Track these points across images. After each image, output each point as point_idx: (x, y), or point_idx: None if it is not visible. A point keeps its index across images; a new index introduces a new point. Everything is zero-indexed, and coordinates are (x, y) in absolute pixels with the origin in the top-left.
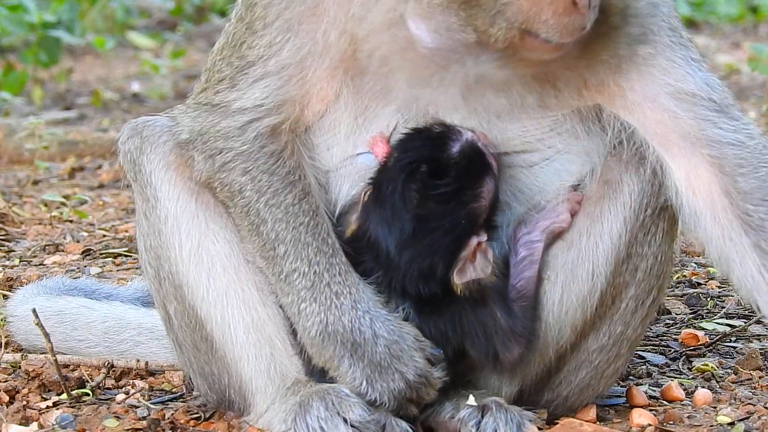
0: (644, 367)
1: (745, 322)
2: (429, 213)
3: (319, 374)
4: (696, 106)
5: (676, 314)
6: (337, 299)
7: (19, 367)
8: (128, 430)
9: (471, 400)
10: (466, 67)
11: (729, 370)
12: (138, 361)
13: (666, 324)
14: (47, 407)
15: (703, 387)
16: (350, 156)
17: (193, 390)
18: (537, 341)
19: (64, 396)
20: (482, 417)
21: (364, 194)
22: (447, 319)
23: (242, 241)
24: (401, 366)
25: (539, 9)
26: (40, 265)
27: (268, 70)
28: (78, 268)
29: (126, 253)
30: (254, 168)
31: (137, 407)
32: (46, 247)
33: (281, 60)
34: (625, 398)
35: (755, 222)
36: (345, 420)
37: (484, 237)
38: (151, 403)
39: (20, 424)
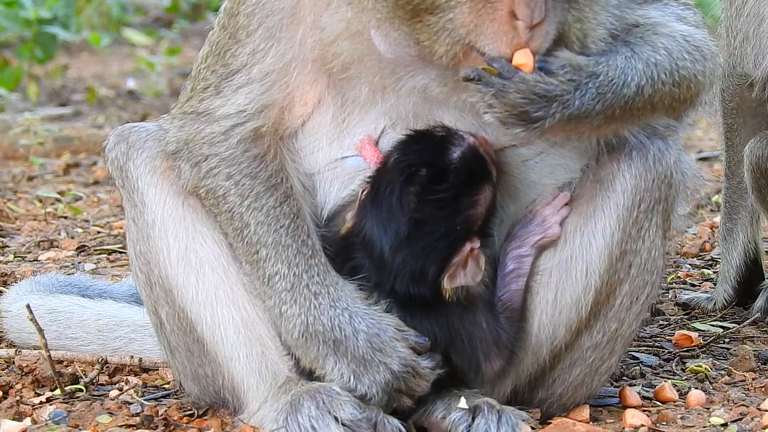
0: (637, 367)
1: (739, 324)
2: (425, 217)
3: (309, 372)
4: None
5: (670, 315)
6: (315, 299)
7: (13, 363)
8: (121, 426)
9: (462, 402)
10: (415, 80)
11: (722, 372)
12: (132, 357)
13: (660, 325)
14: (41, 403)
15: (697, 388)
16: (337, 159)
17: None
18: (521, 355)
19: (58, 392)
20: (473, 420)
21: (362, 192)
22: (435, 323)
23: (231, 248)
24: (384, 357)
25: (482, 25)
26: (34, 261)
27: (252, 76)
28: (72, 264)
29: (120, 250)
30: (237, 172)
31: (131, 403)
32: (41, 243)
33: (265, 67)
34: (618, 399)
35: None
36: (336, 419)
37: (477, 243)
38: (144, 400)
39: (13, 420)
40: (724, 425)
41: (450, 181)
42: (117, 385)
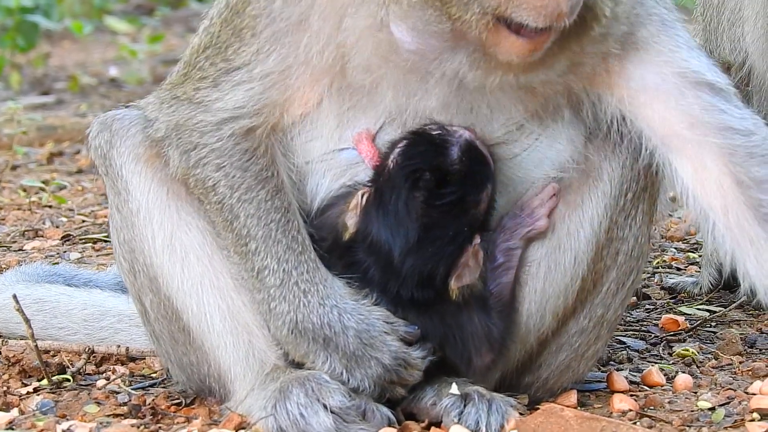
0: (625, 352)
1: (725, 308)
2: (434, 222)
3: (298, 363)
4: (702, 90)
5: (657, 299)
6: (304, 297)
7: (0, 353)
8: (109, 415)
9: (454, 388)
10: (444, 66)
11: (709, 356)
12: (119, 346)
13: (646, 309)
14: (28, 393)
15: (684, 372)
16: (333, 150)
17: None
18: (511, 347)
19: (45, 382)
20: (464, 407)
21: (362, 196)
22: (428, 320)
23: (219, 237)
24: (375, 352)
25: None
26: (19, 250)
27: (253, 75)
28: (57, 253)
29: (105, 239)
30: (228, 164)
31: (118, 393)
32: (26, 233)
33: (267, 68)
34: (605, 384)
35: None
36: (325, 406)
37: (478, 240)
38: (131, 389)
39: (0, 410)
40: (712, 409)
41: (455, 183)
42: (104, 374)
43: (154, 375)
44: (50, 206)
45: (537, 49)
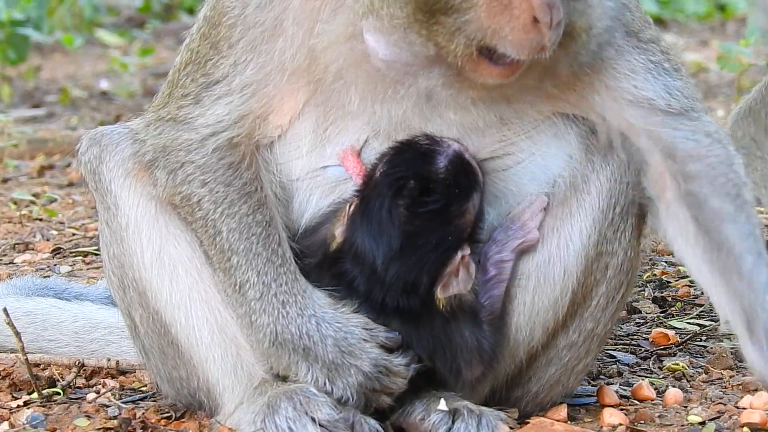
0: (615, 366)
1: (716, 322)
2: (417, 229)
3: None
4: (653, 113)
5: (647, 313)
6: (283, 308)
7: None
8: (99, 429)
9: (442, 404)
10: (417, 82)
11: (700, 370)
12: (109, 360)
13: (636, 323)
14: (18, 406)
15: (674, 386)
16: (318, 168)
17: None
18: (500, 361)
19: (35, 395)
20: (453, 423)
21: (350, 206)
22: (417, 331)
23: (206, 254)
24: (355, 360)
25: (499, 25)
26: (9, 263)
27: (233, 87)
28: (48, 266)
29: (95, 252)
30: (212, 180)
31: (108, 406)
32: (16, 246)
33: (245, 78)
34: (596, 398)
35: (699, 202)
36: (313, 420)
37: (467, 251)
38: (122, 402)
39: None
40: (702, 423)
41: (439, 192)
42: (94, 388)
43: (144, 388)
44: (41, 219)
45: (513, 74)
